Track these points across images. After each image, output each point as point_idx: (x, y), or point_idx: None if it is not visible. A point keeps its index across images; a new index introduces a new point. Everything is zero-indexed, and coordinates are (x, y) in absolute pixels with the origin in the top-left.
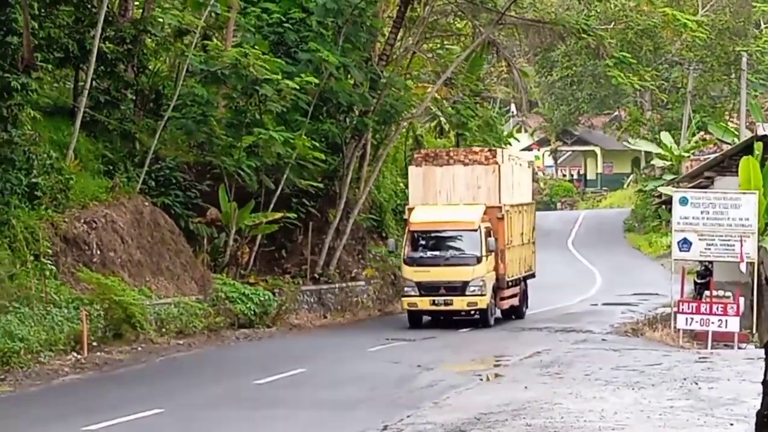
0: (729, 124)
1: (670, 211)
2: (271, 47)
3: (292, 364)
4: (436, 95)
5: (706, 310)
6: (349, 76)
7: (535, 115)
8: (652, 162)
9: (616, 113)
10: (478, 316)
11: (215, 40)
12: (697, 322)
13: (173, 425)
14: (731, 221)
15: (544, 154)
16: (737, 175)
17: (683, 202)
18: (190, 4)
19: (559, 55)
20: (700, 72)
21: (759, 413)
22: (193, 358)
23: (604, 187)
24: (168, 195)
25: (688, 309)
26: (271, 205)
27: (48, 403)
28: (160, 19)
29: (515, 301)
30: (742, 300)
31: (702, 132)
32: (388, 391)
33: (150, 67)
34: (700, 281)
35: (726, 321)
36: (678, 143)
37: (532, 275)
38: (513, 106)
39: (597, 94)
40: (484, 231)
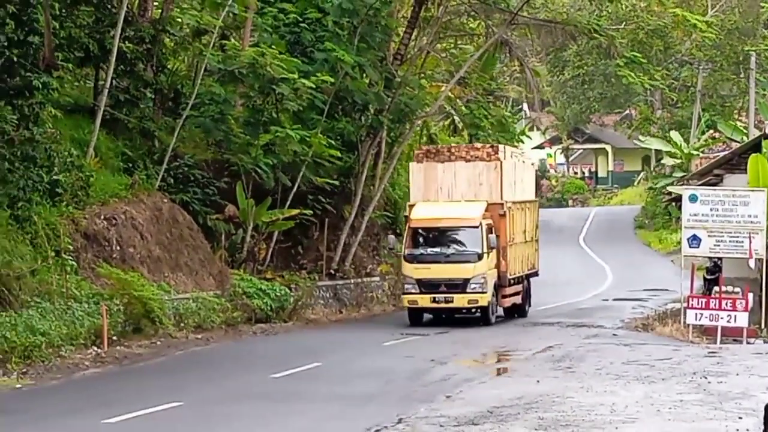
0: (738, 122)
1: (680, 208)
2: (287, 47)
3: (308, 358)
4: (450, 94)
5: (715, 305)
6: (364, 76)
7: (547, 114)
8: (663, 160)
9: (627, 112)
10: (479, 314)
11: (233, 40)
12: (706, 317)
13: (192, 418)
14: (740, 218)
15: (556, 152)
16: (746, 172)
17: (693, 199)
18: (208, 4)
19: (571, 54)
20: (709, 71)
21: (767, 407)
22: (211, 352)
23: (615, 185)
24: (186, 192)
25: (698, 304)
26: (288, 202)
27: (69, 396)
28: (179, 19)
29: (518, 299)
30: (750, 296)
31: (711, 130)
32: (402, 384)
33: (169, 66)
34: (709, 277)
35: (735, 316)
36: (688, 141)
37: (536, 273)
38: (525, 104)
39: (608, 93)
40: (485, 228)
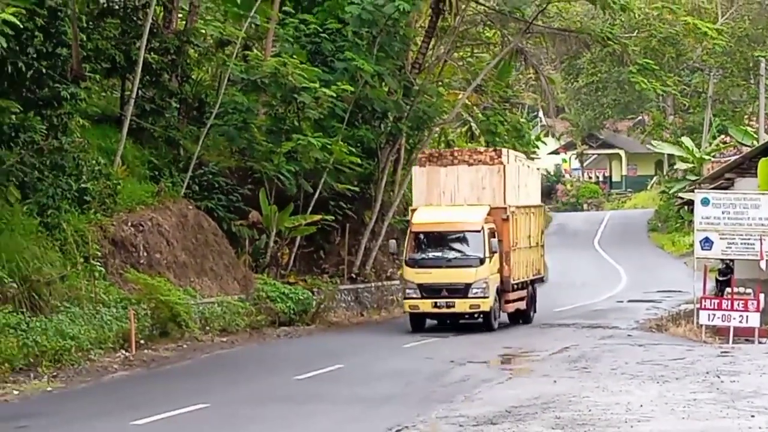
0: (748, 127)
1: (692, 211)
2: (308, 57)
3: (331, 360)
4: (467, 101)
5: (727, 306)
6: (383, 84)
7: (561, 120)
8: (675, 164)
9: (640, 117)
10: (481, 320)
11: (255, 51)
12: (719, 318)
13: (217, 420)
14: (751, 221)
15: (570, 158)
16: (756, 176)
17: (705, 202)
18: (231, 15)
19: (585, 62)
20: (720, 77)
21: None
22: (236, 355)
23: (629, 189)
24: (211, 199)
25: (711, 305)
26: (310, 208)
27: (98, 398)
28: (203, 31)
29: (522, 304)
30: (762, 296)
31: (722, 135)
32: (422, 385)
33: (193, 76)
34: (721, 279)
35: (747, 317)
36: (699, 146)
37: (541, 279)
38: (540, 111)
39: (621, 99)
40: (487, 232)
